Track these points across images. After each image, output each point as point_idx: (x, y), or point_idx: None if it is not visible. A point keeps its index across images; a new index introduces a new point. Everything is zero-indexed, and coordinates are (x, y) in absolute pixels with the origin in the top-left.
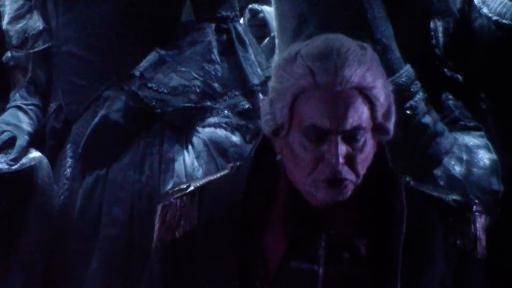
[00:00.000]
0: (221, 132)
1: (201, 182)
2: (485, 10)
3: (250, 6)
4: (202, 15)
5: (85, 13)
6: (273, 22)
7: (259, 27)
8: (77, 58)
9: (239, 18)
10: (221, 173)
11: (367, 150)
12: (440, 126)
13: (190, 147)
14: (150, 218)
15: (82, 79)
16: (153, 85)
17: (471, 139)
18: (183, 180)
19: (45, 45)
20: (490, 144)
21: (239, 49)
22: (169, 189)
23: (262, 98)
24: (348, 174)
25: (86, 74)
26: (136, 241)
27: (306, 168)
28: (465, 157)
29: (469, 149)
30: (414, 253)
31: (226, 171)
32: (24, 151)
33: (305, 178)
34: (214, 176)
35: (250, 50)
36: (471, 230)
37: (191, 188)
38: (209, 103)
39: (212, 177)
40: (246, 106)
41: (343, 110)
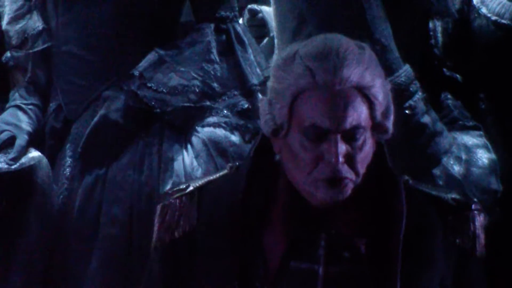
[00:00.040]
0: (220, 132)
1: (201, 182)
2: (484, 10)
3: (249, 6)
4: (202, 15)
5: (85, 13)
6: (272, 22)
7: (258, 27)
8: (77, 58)
9: (238, 18)
10: (220, 173)
11: (367, 149)
12: (439, 126)
13: (189, 147)
14: (150, 218)
15: (82, 79)
16: (153, 85)
17: (470, 139)
18: (182, 180)
19: (45, 45)
20: (489, 144)
21: (238, 49)
22: (169, 189)
23: (261, 98)
24: (348, 173)
25: (86, 74)
26: (136, 241)
27: (306, 168)
28: (464, 157)
29: (468, 149)
30: (414, 252)
31: (225, 171)
32: (24, 151)
33: (305, 178)
34: (214, 176)
35: (249, 50)
36: (470, 229)
37: (191, 188)
38: (208, 103)
39: (212, 177)
40: (245, 106)
41: (343, 110)
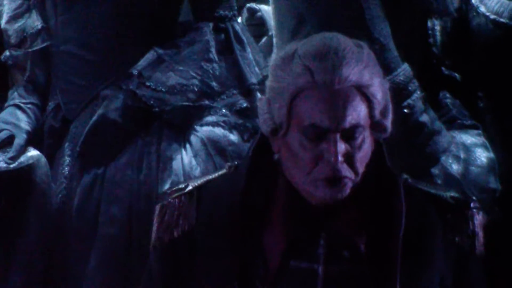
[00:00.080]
0: (219, 131)
1: (200, 182)
2: (483, 9)
3: (248, 5)
4: (200, 15)
5: (84, 13)
6: (271, 21)
7: (257, 26)
8: (76, 58)
9: (237, 17)
10: (219, 173)
11: (366, 148)
12: (438, 125)
13: (188, 146)
14: (148, 217)
15: (81, 79)
16: (151, 84)
17: (469, 138)
18: (181, 179)
19: (44, 44)
20: (488, 143)
21: (237, 48)
22: (167, 189)
23: (260, 98)
24: (347, 172)
25: (85, 74)
26: (134, 240)
27: (305, 167)
28: (463, 156)
29: (467, 148)
30: (414, 251)
31: (224, 171)
32: (22, 150)
33: (304, 178)
34: (212, 176)
35: (248, 49)
36: (469, 227)
37: (190, 188)
38: (207, 102)
39: (210, 177)
40: (244, 105)
41: (342, 109)
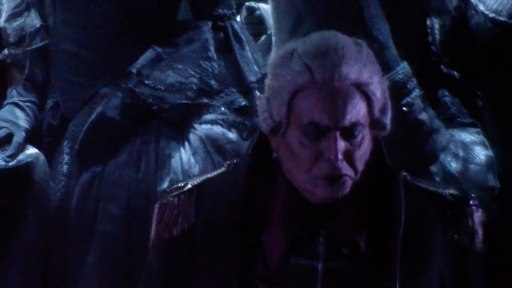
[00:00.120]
0: (218, 129)
1: (199, 180)
2: (482, 8)
3: (247, 4)
4: (199, 13)
5: (83, 11)
6: (270, 20)
7: (256, 25)
8: (75, 56)
9: (236, 16)
10: (219, 171)
11: (365, 146)
12: (436, 123)
13: (187, 144)
14: (147, 215)
15: (79, 77)
16: (150, 82)
17: (467, 136)
18: (180, 177)
19: (43, 43)
20: (486, 141)
21: (236, 47)
22: (167, 188)
23: (259, 96)
24: (347, 170)
25: (83, 72)
26: (133, 238)
27: (305, 166)
28: (461, 154)
29: (465, 146)
30: (413, 248)
31: (223, 169)
32: (21, 148)
33: (304, 176)
34: (212, 174)
35: (247, 48)
36: (469, 224)
37: (189, 186)
38: (206, 100)
39: (210, 175)
40: (243, 103)
41: (342, 106)
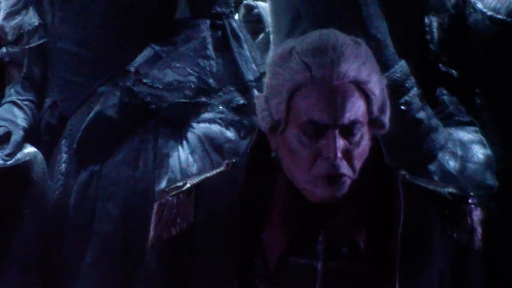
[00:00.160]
0: (216, 128)
1: (197, 180)
2: (480, 5)
3: (245, 2)
4: (197, 12)
5: (83, 11)
6: (268, 18)
7: (254, 23)
8: (73, 55)
9: (234, 14)
10: (217, 170)
11: (364, 145)
12: (435, 122)
13: (185, 143)
14: (145, 214)
15: (77, 76)
16: (148, 81)
17: (466, 134)
18: (178, 176)
19: (41, 41)
20: (485, 139)
21: (234, 45)
22: (165, 187)
23: (257, 95)
24: (346, 170)
25: (82, 71)
26: (130, 237)
27: (304, 165)
28: (460, 152)
29: (464, 144)
30: (413, 247)
31: (222, 168)
32: (19, 147)
33: (303, 176)
34: (210, 173)
35: (245, 46)
36: (468, 223)
37: (187, 186)
38: (204, 99)
39: (208, 174)
40: (241, 102)
41: (341, 104)
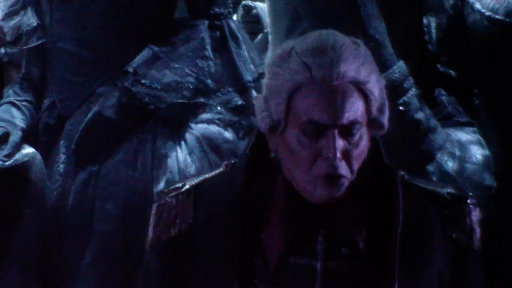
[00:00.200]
0: (214, 128)
1: (196, 181)
2: (478, 6)
3: (244, 3)
4: (196, 12)
5: (83, 11)
6: (267, 19)
7: (253, 24)
8: (71, 55)
9: (233, 15)
10: (216, 171)
11: (363, 145)
12: (433, 122)
13: (183, 143)
14: (143, 214)
15: (76, 76)
16: (147, 82)
17: (464, 135)
18: (176, 176)
19: (39, 42)
20: (483, 140)
21: (232, 46)
22: (164, 189)
23: (256, 96)
24: (344, 170)
25: (80, 71)
26: (129, 237)
27: (304, 165)
28: (458, 153)
29: (462, 145)
30: (412, 247)
31: (221, 169)
32: (18, 147)
33: (303, 176)
34: (209, 174)
35: (243, 47)
36: (467, 223)
37: (187, 187)
38: (202, 99)
39: (207, 175)
40: (239, 102)
41: (340, 105)
